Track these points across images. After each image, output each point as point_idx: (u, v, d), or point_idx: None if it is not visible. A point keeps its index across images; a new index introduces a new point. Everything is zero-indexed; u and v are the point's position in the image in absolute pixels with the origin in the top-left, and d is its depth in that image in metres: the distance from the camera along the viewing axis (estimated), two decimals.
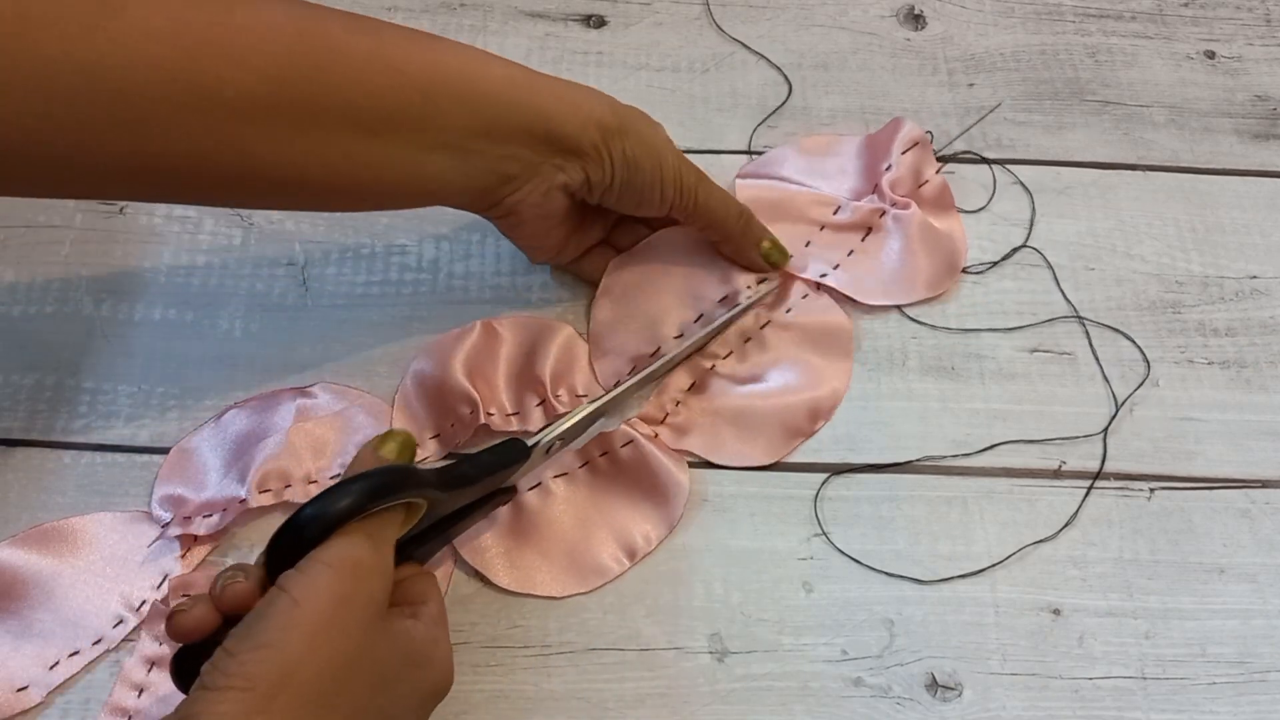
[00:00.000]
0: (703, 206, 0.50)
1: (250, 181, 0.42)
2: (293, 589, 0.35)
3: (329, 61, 0.41)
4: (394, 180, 0.44)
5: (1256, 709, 0.45)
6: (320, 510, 0.36)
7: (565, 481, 0.49)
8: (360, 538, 0.36)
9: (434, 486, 0.39)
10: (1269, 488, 0.50)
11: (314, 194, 0.44)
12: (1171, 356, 0.54)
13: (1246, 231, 0.58)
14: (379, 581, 0.37)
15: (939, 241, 0.54)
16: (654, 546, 0.47)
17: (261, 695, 0.33)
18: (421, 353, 0.51)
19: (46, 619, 0.45)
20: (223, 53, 0.39)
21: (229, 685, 0.33)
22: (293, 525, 0.36)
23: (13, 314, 0.53)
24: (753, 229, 0.52)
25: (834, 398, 0.51)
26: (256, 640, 0.34)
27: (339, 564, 0.35)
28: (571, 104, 0.46)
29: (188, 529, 0.46)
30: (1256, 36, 0.65)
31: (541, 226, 0.49)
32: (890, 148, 0.56)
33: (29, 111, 0.37)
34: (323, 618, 0.34)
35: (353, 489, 0.37)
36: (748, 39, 0.63)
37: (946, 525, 0.49)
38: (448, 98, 0.43)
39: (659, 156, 0.48)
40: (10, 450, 0.49)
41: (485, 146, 0.45)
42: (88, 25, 0.37)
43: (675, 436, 0.50)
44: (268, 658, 0.33)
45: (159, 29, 0.38)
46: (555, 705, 0.45)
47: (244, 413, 0.50)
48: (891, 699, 0.45)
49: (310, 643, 0.34)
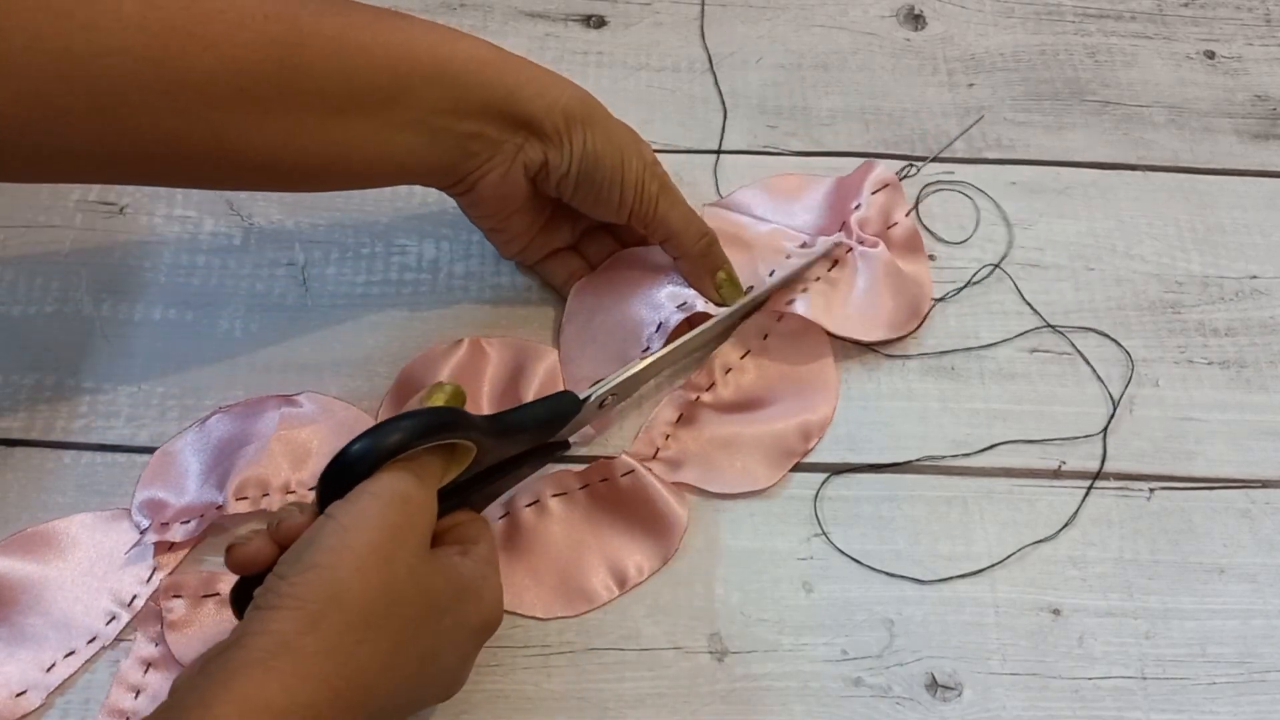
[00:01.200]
0: (662, 218, 0.49)
1: (223, 164, 0.43)
2: (341, 516, 0.36)
3: (296, 43, 0.42)
4: (363, 159, 0.45)
5: (1256, 709, 0.45)
6: (370, 445, 0.37)
7: (563, 501, 0.48)
8: (407, 473, 0.38)
9: (481, 431, 0.40)
10: (1269, 488, 0.50)
11: (286, 175, 0.45)
12: (1171, 356, 0.53)
13: (1246, 231, 0.58)
14: (423, 517, 0.38)
15: (904, 284, 0.53)
16: (645, 577, 0.47)
17: (311, 614, 0.34)
18: (408, 365, 0.51)
19: (38, 623, 0.45)
20: (192, 37, 0.40)
21: (280, 605, 0.34)
22: (342, 459, 0.37)
23: (13, 314, 0.53)
24: (712, 254, 0.51)
25: (824, 416, 0.51)
26: (306, 563, 0.35)
27: (387, 495, 0.37)
28: (539, 86, 0.46)
29: (164, 535, 0.46)
30: (1256, 36, 0.65)
31: (501, 209, 0.49)
32: (861, 188, 0.55)
33: (2, 98, 0.37)
34: (369, 544, 0.36)
35: (403, 425, 0.37)
36: (747, 39, 0.63)
37: (946, 525, 0.49)
38: (416, 77, 0.44)
39: (621, 156, 0.48)
40: (10, 450, 0.49)
41: (451, 123, 0.45)
42: (60, 12, 0.38)
43: (669, 470, 0.49)
44: (317, 579, 0.35)
45: (130, 15, 0.39)
46: (555, 705, 0.45)
47: (229, 418, 0.49)
48: (891, 699, 0.45)
49: (357, 566, 0.35)
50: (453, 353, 0.51)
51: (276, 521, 0.38)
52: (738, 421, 0.50)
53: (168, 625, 0.45)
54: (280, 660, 0.33)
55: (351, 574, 0.35)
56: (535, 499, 0.48)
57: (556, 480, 0.49)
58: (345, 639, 0.34)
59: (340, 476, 0.37)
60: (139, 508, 0.47)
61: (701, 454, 0.50)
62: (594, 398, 0.46)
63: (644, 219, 0.49)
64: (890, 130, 0.60)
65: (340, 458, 0.37)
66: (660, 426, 0.50)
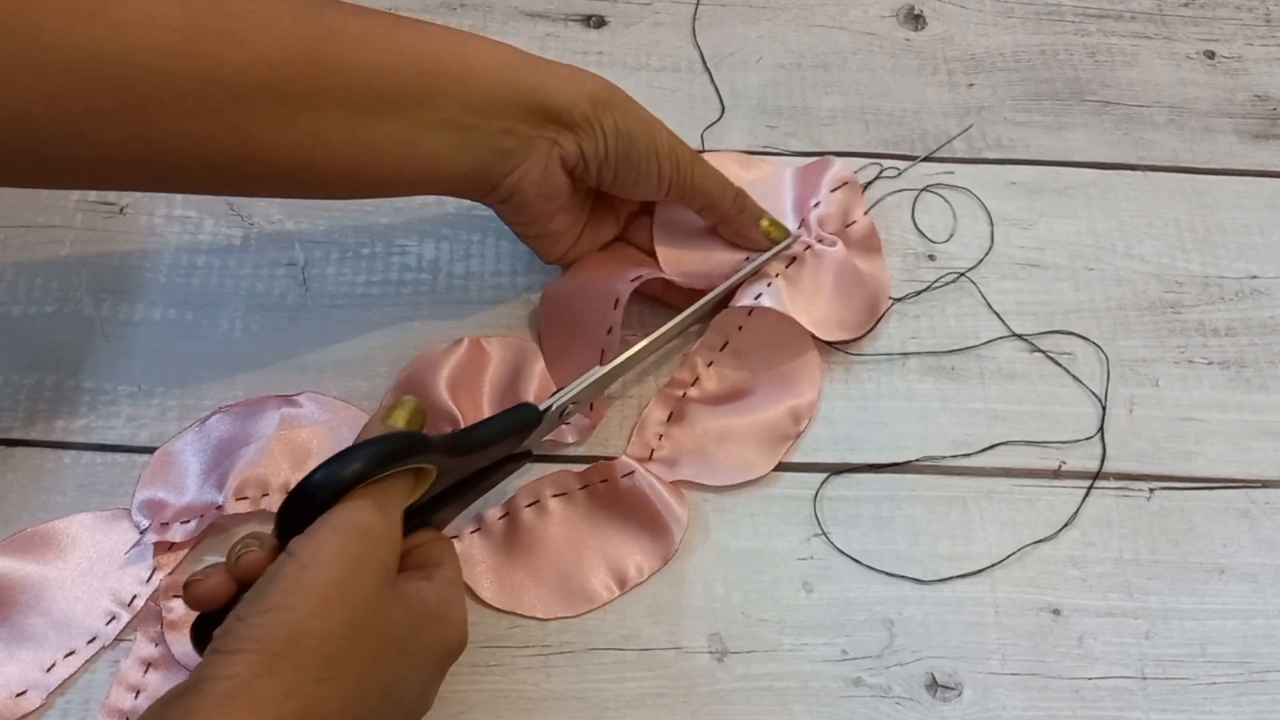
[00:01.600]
0: (699, 185, 0.50)
1: (250, 166, 0.42)
2: (300, 553, 0.35)
3: (325, 42, 0.42)
4: (393, 162, 0.45)
5: (1256, 709, 0.45)
6: (328, 476, 0.36)
7: (563, 502, 0.48)
8: (368, 503, 0.37)
9: (443, 452, 0.40)
10: (1269, 488, 0.50)
11: (315, 179, 0.44)
12: (1171, 356, 0.53)
13: (1246, 231, 0.58)
14: (387, 546, 0.37)
15: (861, 283, 0.53)
16: (645, 577, 0.47)
17: (270, 656, 0.33)
18: (408, 365, 0.51)
19: (38, 623, 0.45)
20: (222, 35, 0.40)
21: (239, 648, 0.33)
22: (301, 491, 0.37)
23: (13, 314, 0.53)
24: (749, 209, 0.52)
25: (810, 399, 0.51)
26: (265, 604, 0.34)
27: (346, 528, 0.36)
28: (562, 78, 0.47)
29: (164, 535, 0.46)
30: (1256, 36, 0.65)
31: (546, 209, 0.49)
32: (819, 184, 0.55)
33: (33, 99, 0.37)
34: (330, 581, 0.35)
35: (361, 454, 0.37)
36: (747, 39, 0.63)
37: (946, 525, 0.49)
38: (443, 76, 0.44)
39: (652, 131, 0.48)
40: (10, 450, 0.49)
41: (480, 122, 0.45)
42: (90, 11, 0.37)
43: (667, 469, 0.49)
44: (276, 620, 0.34)
45: (160, 14, 0.38)
46: (555, 705, 0.45)
47: (229, 418, 0.49)
48: (891, 699, 0.45)
49: (318, 605, 0.34)
50: (453, 352, 0.51)
51: (235, 557, 0.37)
52: (727, 413, 0.51)
53: (167, 625, 0.45)
54: (238, 704, 0.33)
55: (311, 614, 0.34)
56: (535, 499, 0.48)
57: (556, 480, 0.49)
58: (305, 679, 0.34)
59: (299, 508, 0.37)
60: (139, 508, 0.47)
61: (696, 449, 0.50)
62: (554, 408, 0.45)
63: (682, 189, 0.50)
64: (890, 130, 0.60)
65: (299, 489, 0.37)
66: (652, 427, 0.50)
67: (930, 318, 0.54)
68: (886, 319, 0.54)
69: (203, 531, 0.47)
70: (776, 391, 0.51)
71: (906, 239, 0.57)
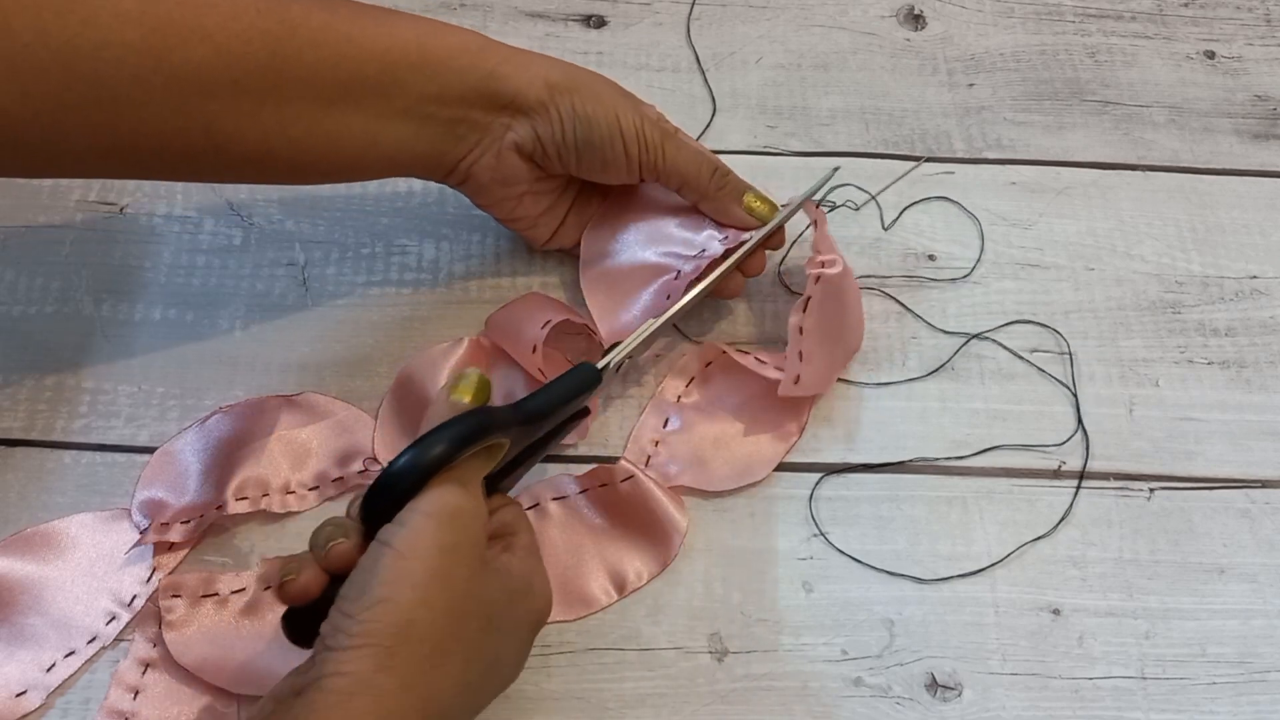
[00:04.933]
0: (671, 164, 0.49)
1: (216, 156, 0.44)
2: (397, 543, 0.36)
3: (287, 34, 0.42)
4: (354, 150, 0.46)
5: (1256, 709, 0.45)
6: (413, 463, 0.37)
7: (563, 506, 0.48)
8: (454, 486, 0.38)
9: (515, 425, 0.40)
10: (1269, 488, 0.50)
11: (278, 167, 0.46)
12: (1171, 356, 0.53)
13: (1246, 231, 0.58)
14: (477, 525, 0.38)
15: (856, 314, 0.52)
16: (644, 582, 0.47)
17: (384, 650, 0.34)
18: (408, 364, 0.51)
19: (38, 623, 0.45)
20: (188, 29, 0.40)
21: (352, 645, 0.34)
22: (386, 480, 0.37)
23: (13, 314, 0.53)
24: (730, 184, 0.50)
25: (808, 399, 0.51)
26: (371, 597, 0.35)
27: (439, 514, 0.37)
28: (519, 64, 0.47)
29: (164, 535, 0.46)
30: (1256, 36, 0.65)
31: (504, 193, 0.50)
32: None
33: (8, 94, 0.38)
34: (431, 569, 0.36)
35: (442, 438, 0.37)
36: (747, 39, 0.63)
37: (946, 525, 0.49)
38: (403, 67, 0.45)
39: (614, 112, 0.48)
40: (10, 450, 0.49)
41: (437, 110, 0.46)
42: (60, 8, 0.38)
43: (663, 476, 0.49)
44: (384, 613, 0.35)
45: (128, 9, 0.39)
46: (555, 705, 0.45)
47: (229, 418, 0.49)
48: (891, 699, 0.45)
49: (422, 593, 0.35)
50: (453, 352, 0.51)
51: (325, 549, 0.37)
52: (723, 417, 0.50)
53: (166, 625, 0.44)
54: (361, 700, 0.34)
55: (417, 603, 0.35)
56: (535, 503, 0.48)
57: (556, 484, 0.48)
58: (420, 670, 0.35)
59: (385, 496, 0.37)
60: (139, 508, 0.47)
61: (694, 455, 0.50)
62: (611, 364, 0.45)
63: (654, 170, 0.49)
64: (890, 130, 0.60)
65: (383, 478, 0.37)
66: (648, 434, 0.50)
67: (930, 318, 0.54)
68: (886, 319, 0.54)
69: (203, 531, 0.47)
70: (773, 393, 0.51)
71: (906, 239, 0.57)
